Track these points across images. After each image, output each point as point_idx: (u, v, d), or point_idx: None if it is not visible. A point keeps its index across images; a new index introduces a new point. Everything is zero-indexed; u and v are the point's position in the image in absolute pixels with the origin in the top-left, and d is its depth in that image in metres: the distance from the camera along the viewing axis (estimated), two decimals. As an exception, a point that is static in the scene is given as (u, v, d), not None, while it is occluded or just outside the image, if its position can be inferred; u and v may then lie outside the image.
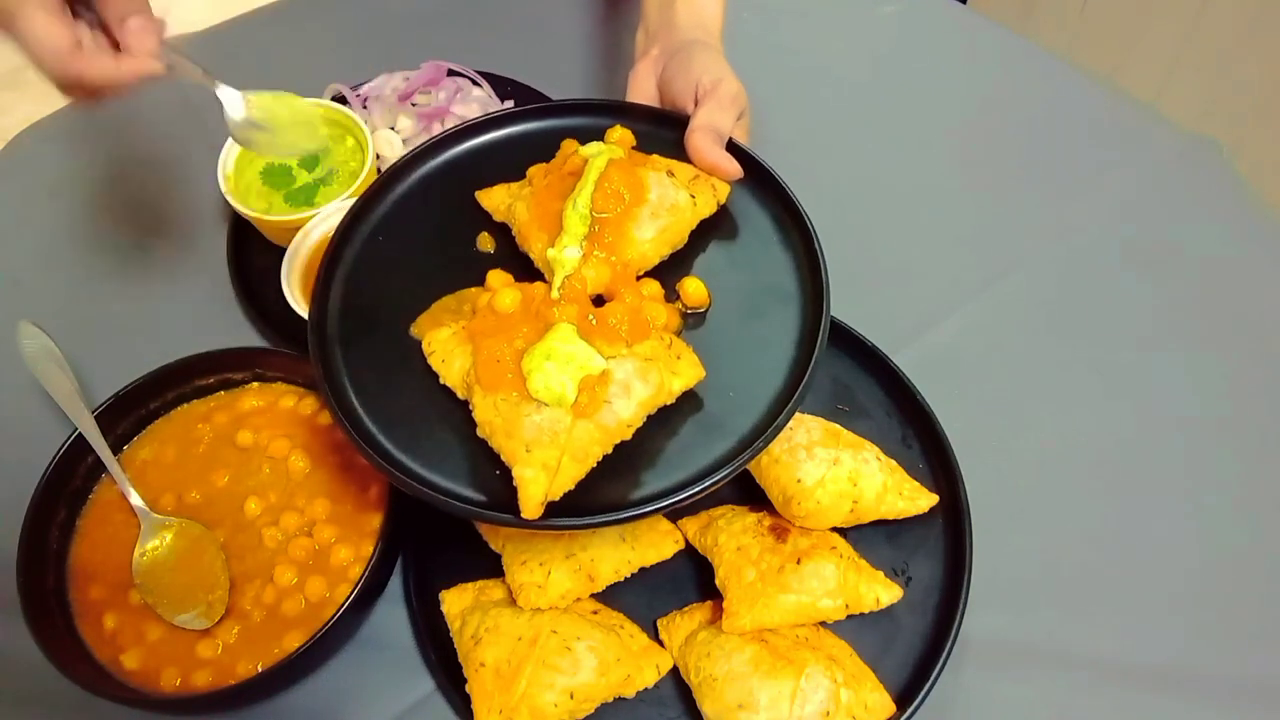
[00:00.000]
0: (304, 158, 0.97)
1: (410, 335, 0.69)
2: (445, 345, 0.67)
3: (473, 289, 0.71)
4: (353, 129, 0.99)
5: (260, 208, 0.95)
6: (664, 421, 0.65)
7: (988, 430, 0.87)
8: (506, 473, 0.61)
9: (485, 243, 0.75)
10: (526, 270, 0.71)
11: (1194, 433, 0.89)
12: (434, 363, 0.67)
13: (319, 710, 0.77)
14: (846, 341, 0.89)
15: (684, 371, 0.65)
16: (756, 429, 0.64)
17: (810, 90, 1.14)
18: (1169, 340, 0.94)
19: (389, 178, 0.77)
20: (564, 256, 0.68)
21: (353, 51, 1.18)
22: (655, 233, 0.70)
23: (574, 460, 0.61)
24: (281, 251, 0.91)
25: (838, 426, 0.80)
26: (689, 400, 0.66)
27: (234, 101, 0.74)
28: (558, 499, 0.61)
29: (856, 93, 1.14)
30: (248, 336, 0.95)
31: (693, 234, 0.73)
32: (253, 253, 1.00)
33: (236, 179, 0.96)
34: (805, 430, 0.78)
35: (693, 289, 0.70)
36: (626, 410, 0.62)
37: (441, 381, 0.67)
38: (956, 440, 0.83)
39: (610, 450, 0.63)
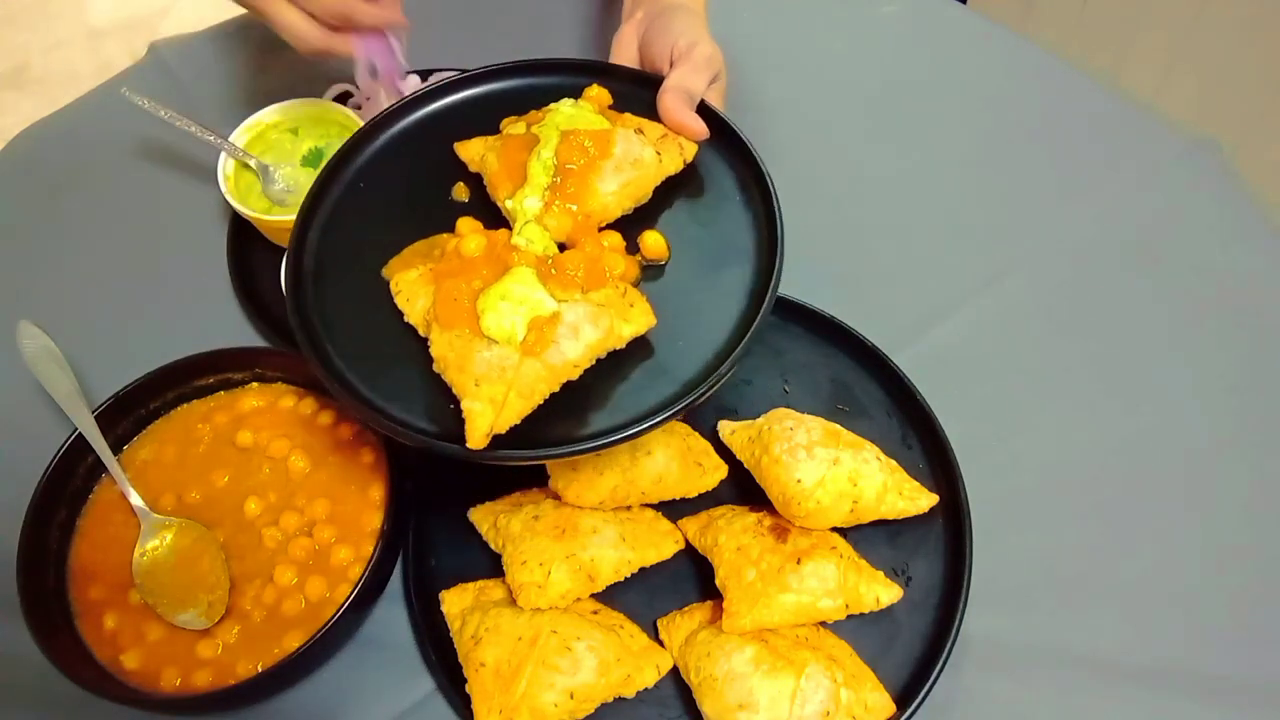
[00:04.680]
0: (306, 157, 0.98)
1: (382, 277, 0.72)
2: (411, 286, 0.69)
3: (444, 235, 0.73)
4: (353, 129, 0.98)
5: (260, 208, 0.95)
6: (615, 366, 0.68)
7: (988, 430, 0.87)
8: (459, 407, 0.63)
9: (460, 192, 0.77)
10: (497, 219, 0.74)
11: (1194, 432, 0.89)
12: (400, 302, 0.70)
13: (319, 710, 0.77)
14: (846, 341, 0.89)
15: (635, 319, 0.67)
16: (700, 375, 0.66)
17: (810, 90, 1.14)
18: (1168, 340, 0.94)
19: (373, 127, 0.80)
20: (524, 206, 0.71)
21: (353, 51, 1.18)
22: (618, 186, 0.72)
23: (520, 396, 0.63)
24: (281, 251, 0.91)
25: (838, 426, 0.80)
26: (640, 347, 0.68)
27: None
28: (504, 433, 0.63)
29: (856, 92, 1.14)
30: (248, 336, 0.95)
31: (659, 190, 0.75)
32: (253, 253, 1.00)
33: (236, 179, 0.96)
34: (805, 430, 0.78)
35: (652, 242, 0.72)
36: (574, 351, 0.64)
37: (406, 320, 0.69)
38: (956, 440, 0.83)
39: (558, 389, 0.65)
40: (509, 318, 0.64)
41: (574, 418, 0.66)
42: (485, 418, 0.62)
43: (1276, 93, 1.69)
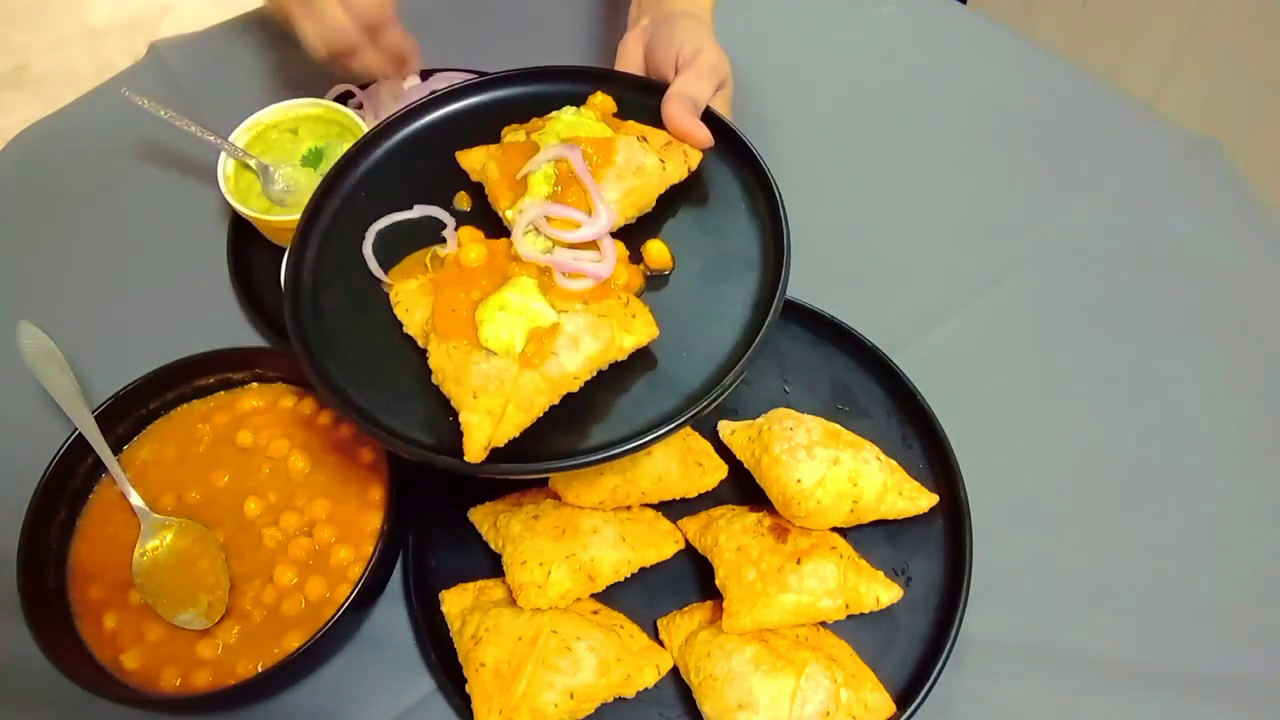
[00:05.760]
0: (306, 157, 0.98)
1: (383, 288, 0.72)
2: (411, 296, 0.69)
3: (437, 245, 0.73)
4: (353, 129, 0.99)
5: (260, 208, 0.95)
6: (617, 377, 0.67)
7: (988, 430, 0.87)
8: (458, 420, 0.63)
9: (462, 201, 0.77)
10: (498, 228, 0.73)
11: (1193, 432, 0.89)
12: (399, 312, 0.69)
13: (319, 710, 0.77)
14: (846, 341, 0.89)
15: (637, 330, 0.66)
16: (704, 387, 0.66)
17: (810, 90, 1.14)
18: (1168, 340, 0.94)
19: (374, 136, 0.80)
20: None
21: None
22: (620, 194, 0.71)
23: (519, 409, 0.62)
24: (281, 251, 0.91)
25: (838, 426, 0.80)
26: (643, 358, 0.68)
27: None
28: (502, 445, 0.62)
29: (856, 92, 1.14)
30: (248, 336, 0.95)
31: (663, 199, 0.74)
32: (253, 253, 1.00)
33: (236, 179, 0.96)
34: (805, 430, 0.78)
35: (655, 251, 0.72)
36: (573, 363, 0.64)
37: (405, 331, 0.69)
38: (956, 440, 0.83)
39: (557, 401, 0.64)
40: (507, 328, 0.63)
41: (574, 430, 0.65)
42: (483, 430, 0.61)
43: (1276, 93, 1.69)
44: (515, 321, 0.63)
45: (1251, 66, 1.68)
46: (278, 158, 0.98)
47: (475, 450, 0.61)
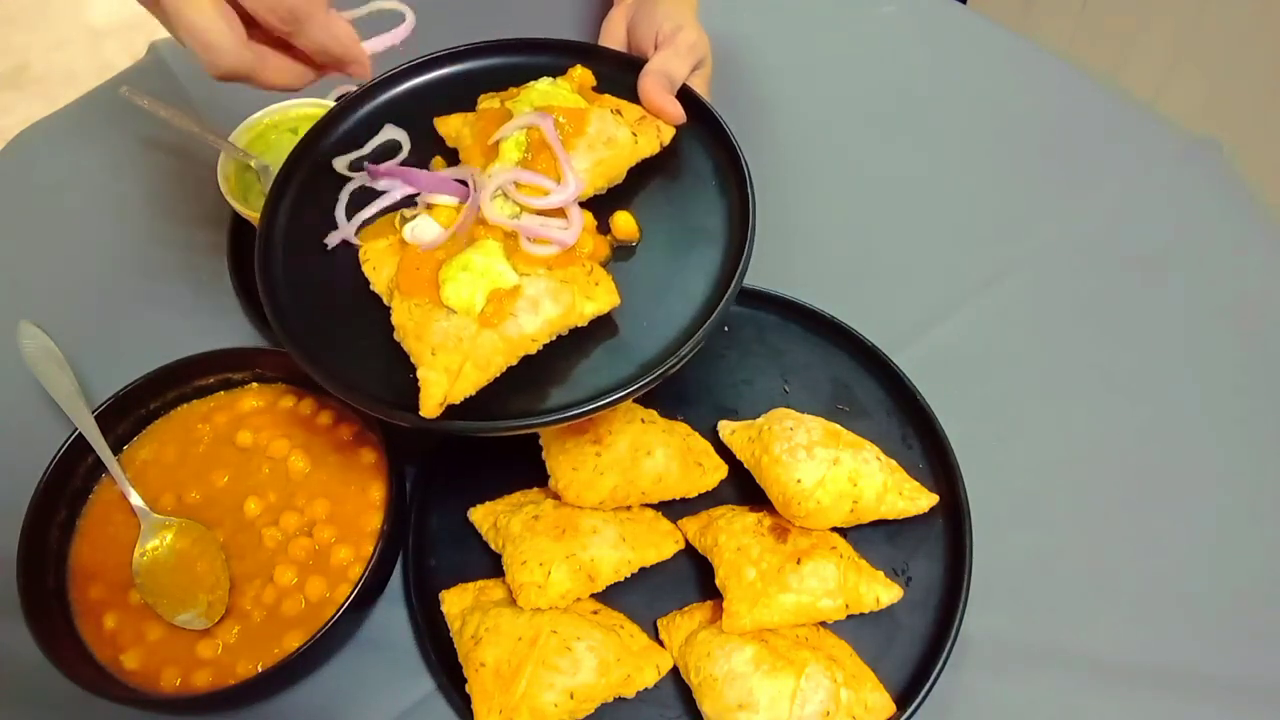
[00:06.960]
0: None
1: (354, 248, 0.72)
2: (380, 255, 0.70)
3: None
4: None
5: (260, 208, 0.95)
6: (578, 343, 0.68)
7: (988, 430, 0.87)
8: (417, 376, 0.63)
9: (438, 166, 0.77)
10: None
11: (1194, 432, 0.89)
12: (367, 270, 0.70)
13: (319, 710, 0.77)
14: (847, 341, 0.89)
15: (599, 297, 0.67)
16: (660, 356, 0.66)
17: (810, 90, 1.14)
18: (1168, 340, 0.94)
19: (354, 100, 0.80)
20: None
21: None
22: (590, 164, 0.72)
23: (476, 367, 0.63)
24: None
25: (838, 426, 0.80)
26: (604, 326, 0.68)
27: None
28: (459, 403, 0.63)
29: (856, 92, 1.14)
30: (248, 336, 0.95)
31: (634, 172, 0.75)
32: (253, 253, 1.00)
33: (236, 179, 0.96)
34: (805, 430, 0.78)
35: (622, 222, 0.72)
36: (532, 325, 0.65)
37: (372, 289, 0.70)
38: (956, 440, 0.83)
39: (515, 362, 0.65)
40: (469, 288, 0.64)
41: (532, 392, 0.66)
42: (440, 386, 0.62)
43: (1276, 93, 1.69)
44: (477, 282, 0.64)
45: (1251, 66, 1.69)
46: (278, 158, 0.98)
47: (430, 406, 0.62)
